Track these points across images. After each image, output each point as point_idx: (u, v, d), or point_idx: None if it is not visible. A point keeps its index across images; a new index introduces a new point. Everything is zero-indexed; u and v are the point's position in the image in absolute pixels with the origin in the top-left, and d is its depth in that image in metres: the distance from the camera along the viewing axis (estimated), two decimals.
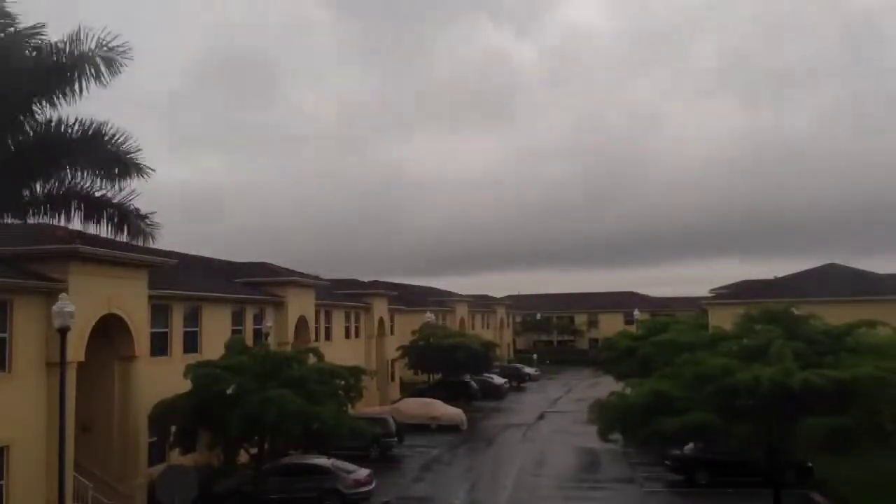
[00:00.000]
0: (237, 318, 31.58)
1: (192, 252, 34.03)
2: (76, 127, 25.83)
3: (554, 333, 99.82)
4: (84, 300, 19.52)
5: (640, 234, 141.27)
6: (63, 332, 17.41)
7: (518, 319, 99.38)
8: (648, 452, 30.47)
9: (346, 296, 46.50)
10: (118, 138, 26.04)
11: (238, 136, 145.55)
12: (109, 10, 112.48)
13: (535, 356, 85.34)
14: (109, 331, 22.05)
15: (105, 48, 25.07)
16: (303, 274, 37.75)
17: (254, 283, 34.38)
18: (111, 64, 25.18)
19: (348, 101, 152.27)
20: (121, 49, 25.26)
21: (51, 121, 25.91)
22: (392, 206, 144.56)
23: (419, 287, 69.97)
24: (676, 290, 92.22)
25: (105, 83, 25.36)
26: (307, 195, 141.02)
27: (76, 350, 19.56)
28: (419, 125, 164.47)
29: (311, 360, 26.03)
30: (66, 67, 25.08)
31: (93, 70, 25.15)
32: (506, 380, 59.96)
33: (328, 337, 41.54)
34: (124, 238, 26.43)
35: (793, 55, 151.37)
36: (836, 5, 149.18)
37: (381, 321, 50.73)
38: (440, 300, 68.06)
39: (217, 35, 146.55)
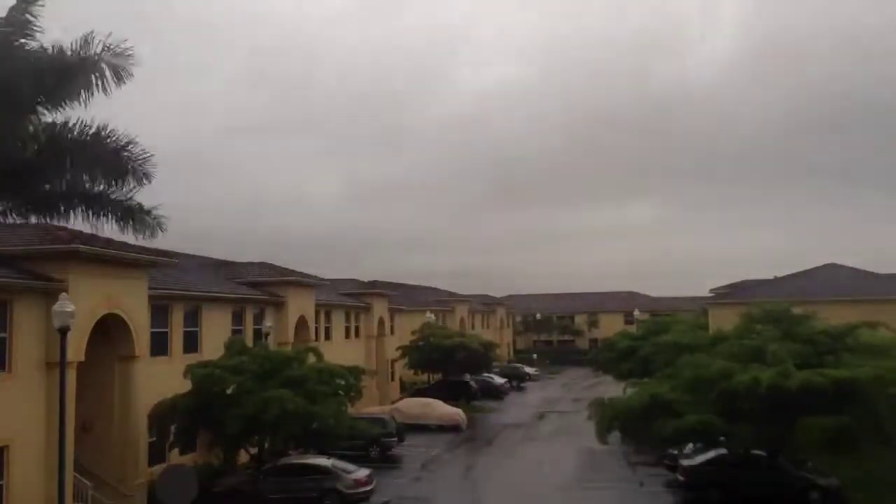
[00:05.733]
0: (237, 318, 31.57)
1: (192, 251, 34.12)
2: (76, 130, 25.85)
3: (554, 333, 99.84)
4: (84, 300, 19.53)
5: None
6: (63, 332, 17.36)
7: (518, 319, 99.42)
8: (648, 452, 30.48)
9: (346, 296, 46.54)
10: (122, 141, 26.13)
11: None
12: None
13: (535, 356, 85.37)
14: (109, 331, 22.05)
15: (112, 54, 25.21)
16: (303, 274, 37.71)
17: (254, 283, 34.39)
18: (118, 70, 25.40)
19: None
20: (127, 55, 25.47)
21: (55, 123, 25.98)
22: None
23: (419, 287, 70.04)
24: None
25: (109, 90, 25.57)
26: None
27: (76, 350, 19.56)
28: None
29: (311, 359, 26.05)
30: (73, 71, 25.15)
31: (100, 74, 25.29)
32: (506, 380, 59.93)
33: (328, 337, 41.54)
34: (130, 233, 26.37)
35: None
36: None
37: (381, 321, 50.72)
38: (440, 300, 68.15)
39: None
